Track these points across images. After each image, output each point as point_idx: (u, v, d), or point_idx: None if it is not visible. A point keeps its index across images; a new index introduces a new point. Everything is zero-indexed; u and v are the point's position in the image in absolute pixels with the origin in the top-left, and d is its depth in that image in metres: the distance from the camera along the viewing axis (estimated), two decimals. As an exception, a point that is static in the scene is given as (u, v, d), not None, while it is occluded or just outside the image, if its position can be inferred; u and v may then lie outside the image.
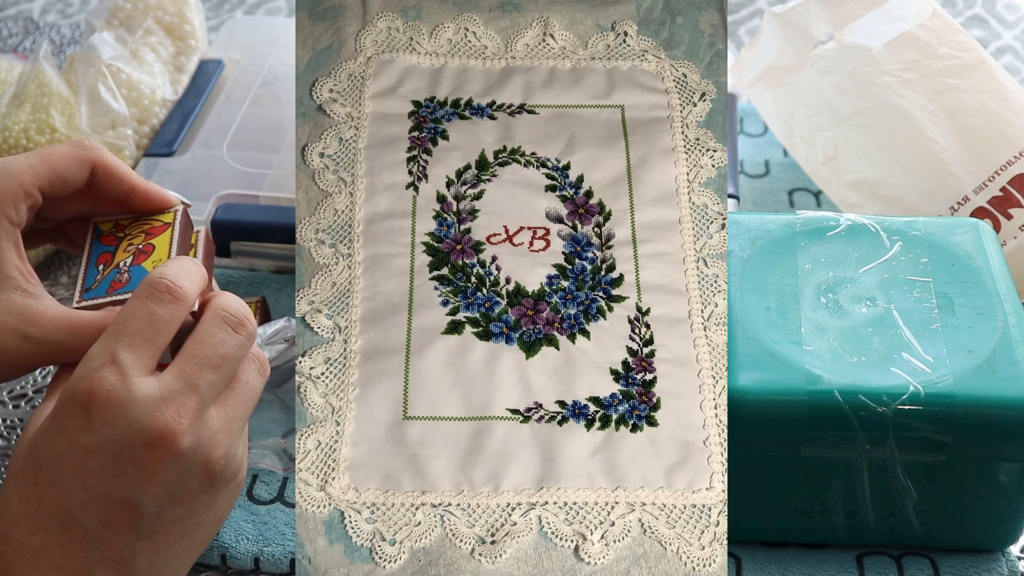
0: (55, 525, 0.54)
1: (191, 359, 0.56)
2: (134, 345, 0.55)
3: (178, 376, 0.55)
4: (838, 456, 0.64)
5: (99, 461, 0.54)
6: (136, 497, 0.54)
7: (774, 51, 0.93)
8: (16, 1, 1.24)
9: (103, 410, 0.54)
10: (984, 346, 0.65)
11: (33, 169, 0.64)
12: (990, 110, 0.84)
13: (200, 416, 0.55)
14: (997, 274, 0.69)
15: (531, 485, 0.66)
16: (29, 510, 0.55)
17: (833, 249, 0.71)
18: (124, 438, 0.54)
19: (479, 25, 0.84)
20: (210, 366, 0.56)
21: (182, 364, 0.56)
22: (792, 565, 0.68)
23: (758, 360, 0.65)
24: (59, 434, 0.54)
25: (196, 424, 0.55)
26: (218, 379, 0.57)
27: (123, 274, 0.65)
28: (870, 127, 0.86)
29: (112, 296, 0.64)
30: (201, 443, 0.55)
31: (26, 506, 0.55)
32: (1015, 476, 0.64)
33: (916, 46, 0.86)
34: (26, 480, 0.55)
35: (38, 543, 0.54)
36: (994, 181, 0.82)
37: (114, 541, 0.55)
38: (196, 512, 0.57)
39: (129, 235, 0.67)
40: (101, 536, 0.55)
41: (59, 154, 0.64)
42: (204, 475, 0.56)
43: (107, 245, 0.67)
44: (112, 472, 0.54)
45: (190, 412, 0.55)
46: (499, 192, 0.77)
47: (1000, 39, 1.16)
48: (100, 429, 0.54)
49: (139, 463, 0.54)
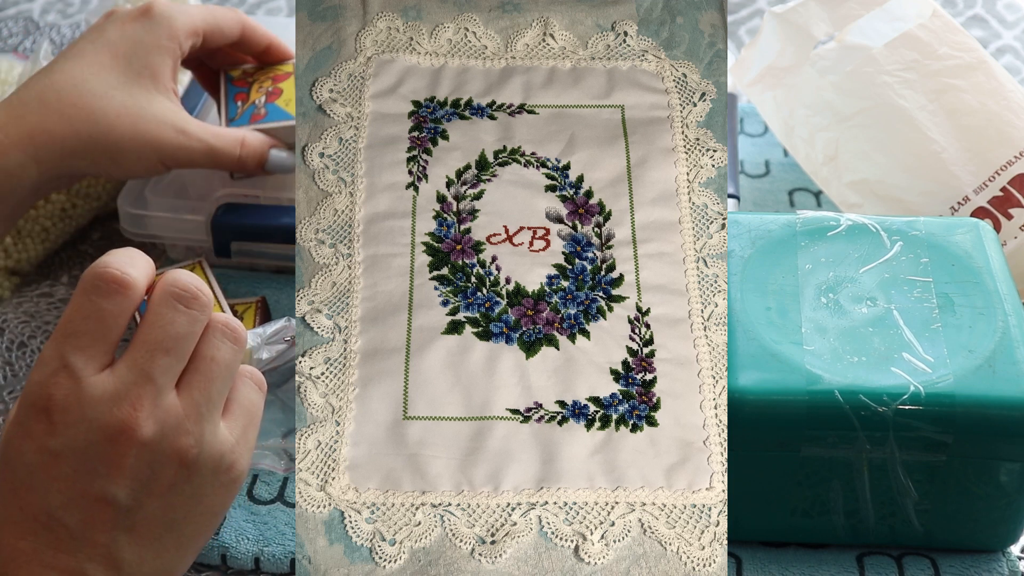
0: (40, 528, 0.54)
1: (142, 346, 0.56)
2: (82, 346, 0.55)
3: (131, 366, 0.55)
4: (838, 456, 0.64)
5: (68, 463, 0.54)
6: (110, 493, 0.54)
7: (774, 51, 0.93)
8: (16, 1, 1.23)
9: (63, 414, 0.54)
10: (984, 346, 0.65)
11: (201, 15, 0.79)
12: (990, 110, 0.84)
13: (157, 402, 0.55)
14: (997, 274, 0.69)
15: (531, 485, 0.66)
16: (13, 515, 0.55)
17: (833, 249, 0.71)
18: (87, 437, 0.54)
19: (479, 25, 0.84)
20: (161, 350, 0.56)
21: (133, 352, 0.56)
22: (792, 565, 0.68)
23: (758, 360, 0.65)
24: (27, 440, 0.55)
25: (155, 411, 0.55)
26: (173, 361, 0.56)
27: (260, 109, 0.81)
28: (870, 127, 0.86)
29: (255, 125, 0.80)
30: (166, 430, 0.55)
31: (10, 512, 0.55)
32: (1015, 476, 0.64)
33: (916, 46, 0.86)
34: (6, 488, 0.55)
35: (28, 547, 0.54)
36: (994, 181, 0.82)
37: (98, 538, 0.55)
38: (180, 504, 0.57)
39: (258, 79, 0.84)
40: (85, 535, 0.55)
41: (221, 11, 0.81)
42: (177, 463, 0.56)
43: (240, 87, 0.84)
44: (83, 472, 0.54)
45: (147, 401, 0.55)
46: (499, 192, 0.77)
47: (1000, 39, 1.16)
48: (64, 432, 0.54)
49: (105, 459, 0.54)
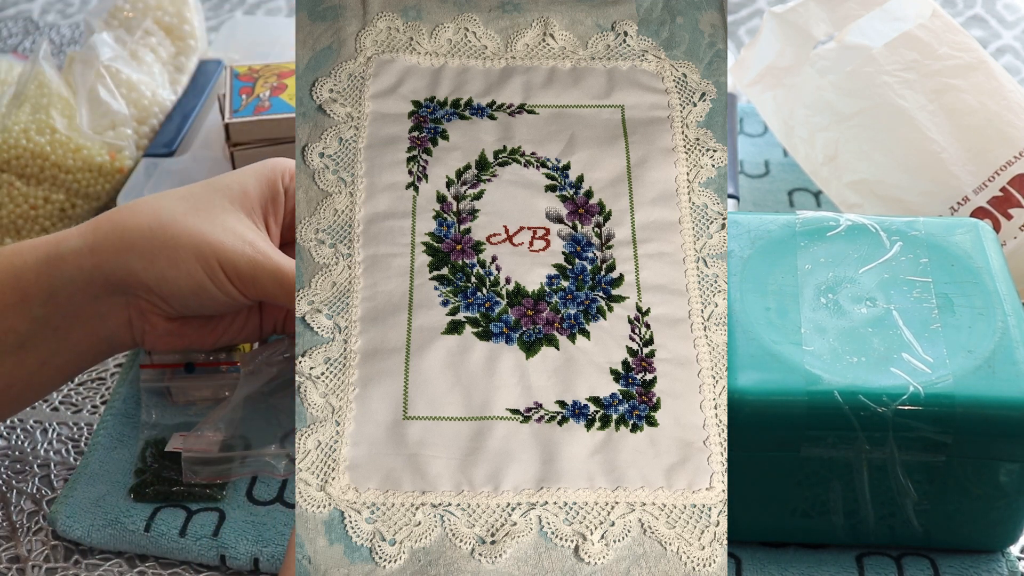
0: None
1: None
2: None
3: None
4: (838, 456, 0.64)
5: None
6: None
7: (774, 51, 0.93)
8: (16, 1, 1.24)
9: None
10: (984, 346, 0.65)
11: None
12: (990, 110, 0.84)
13: None
14: (997, 274, 0.69)
15: (531, 485, 0.66)
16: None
17: (833, 249, 0.71)
18: None
19: (479, 25, 0.84)
20: None
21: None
22: (792, 565, 0.68)
23: (758, 360, 0.65)
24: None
25: None
26: None
27: (264, 102, 0.84)
28: (870, 127, 0.86)
29: (258, 116, 0.83)
30: None
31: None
32: (1015, 476, 0.64)
33: (916, 46, 0.86)
34: None
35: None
36: (994, 181, 0.82)
37: None
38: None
39: (263, 75, 0.86)
40: None
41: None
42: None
43: (246, 82, 0.86)
44: None
45: None
46: (499, 192, 0.77)
47: (1000, 39, 1.16)
48: None
49: None
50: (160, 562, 0.70)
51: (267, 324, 0.73)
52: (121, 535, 0.70)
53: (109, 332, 0.68)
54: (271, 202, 0.70)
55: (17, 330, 0.65)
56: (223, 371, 0.76)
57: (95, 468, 0.74)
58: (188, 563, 0.70)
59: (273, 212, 0.71)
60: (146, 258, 0.66)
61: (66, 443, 0.78)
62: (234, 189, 0.69)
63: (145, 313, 0.68)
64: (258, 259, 0.66)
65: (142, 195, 0.84)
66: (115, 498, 0.72)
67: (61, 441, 0.78)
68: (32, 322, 0.65)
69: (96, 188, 0.92)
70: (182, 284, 0.66)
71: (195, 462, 0.71)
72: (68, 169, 0.91)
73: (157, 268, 0.66)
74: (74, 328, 0.67)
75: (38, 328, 0.66)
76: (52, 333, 0.66)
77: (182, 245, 0.65)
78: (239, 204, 0.68)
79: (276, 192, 0.71)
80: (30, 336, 0.66)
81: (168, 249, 0.65)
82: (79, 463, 0.75)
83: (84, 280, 0.66)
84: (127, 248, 0.65)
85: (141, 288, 0.67)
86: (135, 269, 0.66)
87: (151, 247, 0.65)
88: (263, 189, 0.70)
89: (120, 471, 0.74)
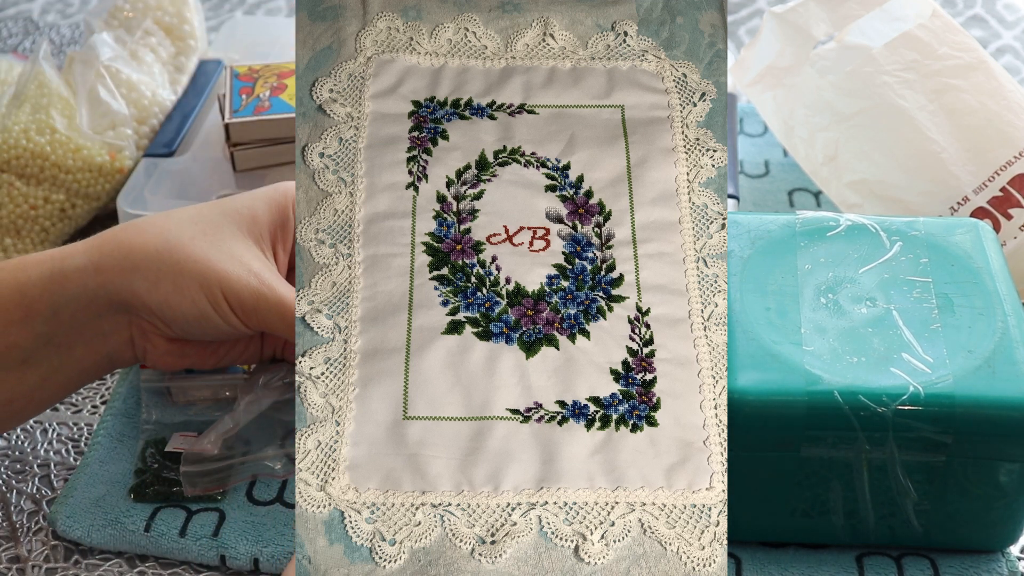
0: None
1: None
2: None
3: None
4: (838, 456, 0.64)
5: None
6: None
7: (774, 51, 0.93)
8: (16, 1, 1.24)
9: None
10: (984, 346, 0.65)
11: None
12: (990, 110, 0.84)
13: None
14: (997, 274, 0.69)
15: (531, 485, 0.66)
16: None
17: (833, 249, 0.71)
18: None
19: (479, 25, 0.84)
20: None
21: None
22: (792, 565, 0.68)
23: (758, 360, 0.65)
24: None
25: None
26: None
27: (264, 102, 0.84)
28: (870, 127, 0.86)
29: (258, 116, 0.82)
30: None
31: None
32: (1015, 476, 0.64)
33: (916, 46, 0.86)
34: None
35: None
36: (994, 181, 0.82)
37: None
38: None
39: (263, 75, 0.86)
40: None
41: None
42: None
43: (246, 82, 0.86)
44: None
45: None
46: (499, 192, 0.77)
47: (1000, 39, 1.16)
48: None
49: None
50: (160, 562, 0.70)
51: (267, 350, 0.73)
52: (121, 535, 0.70)
53: (111, 349, 0.68)
54: (280, 229, 0.70)
55: (21, 346, 0.65)
56: (223, 371, 0.76)
57: (95, 468, 0.74)
58: (188, 563, 0.70)
59: (282, 239, 0.70)
60: (150, 280, 0.65)
61: (66, 443, 0.78)
62: (244, 214, 0.68)
63: (147, 333, 0.68)
64: (262, 291, 0.66)
65: (142, 195, 0.84)
66: (115, 498, 0.72)
67: (61, 441, 0.78)
68: (36, 338, 0.65)
69: (96, 188, 0.92)
70: (185, 310, 0.66)
71: (194, 474, 0.71)
72: (68, 169, 0.91)
73: (161, 292, 0.65)
74: (77, 345, 0.67)
75: (41, 344, 0.66)
76: (55, 350, 0.66)
77: (187, 271, 0.65)
78: (247, 230, 0.68)
79: (286, 219, 0.70)
80: (33, 352, 0.65)
81: (173, 274, 0.65)
82: (79, 463, 0.75)
83: (88, 298, 0.65)
84: (132, 269, 0.65)
85: (144, 309, 0.66)
86: (139, 291, 0.65)
87: (156, 270, 0.65)
88: (273, 215, 0.69)
89: (120, 471, 0.74)
